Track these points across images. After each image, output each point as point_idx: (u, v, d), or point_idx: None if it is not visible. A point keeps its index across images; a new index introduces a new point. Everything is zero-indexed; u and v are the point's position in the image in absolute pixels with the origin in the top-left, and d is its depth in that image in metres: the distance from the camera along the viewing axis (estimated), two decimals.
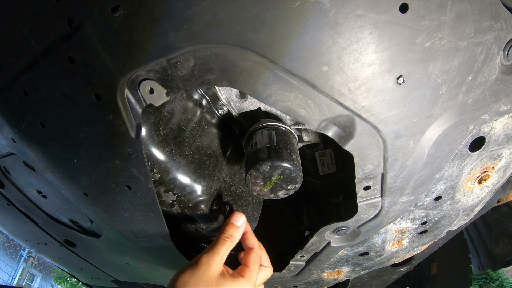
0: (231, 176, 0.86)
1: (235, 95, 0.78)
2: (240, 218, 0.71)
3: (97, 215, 0.81)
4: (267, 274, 0.76)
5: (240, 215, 0.71)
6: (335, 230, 0.88)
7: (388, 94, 0.57)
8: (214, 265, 0.64)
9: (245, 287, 0.66)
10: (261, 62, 0.53)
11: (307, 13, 0.49)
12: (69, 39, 0.54)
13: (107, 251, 1.04)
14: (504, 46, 0.57)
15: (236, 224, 0.70)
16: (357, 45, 0.52)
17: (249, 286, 0.67)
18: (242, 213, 0.72)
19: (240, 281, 0.66)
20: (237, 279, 0.66)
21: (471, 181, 0.81)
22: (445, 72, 0.56)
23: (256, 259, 0.71)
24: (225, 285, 0.63)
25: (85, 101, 0.58)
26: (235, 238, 0.69)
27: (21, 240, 1.29)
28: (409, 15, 0.51)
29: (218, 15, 0.50)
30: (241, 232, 0.71)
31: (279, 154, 0.65)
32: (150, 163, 0.67)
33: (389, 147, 0.63)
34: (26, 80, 0.59)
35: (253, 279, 0.68)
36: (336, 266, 1.07)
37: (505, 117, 0.67)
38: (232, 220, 0.70)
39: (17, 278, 4.33)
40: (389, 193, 0.73)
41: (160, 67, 0.55)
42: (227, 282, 0.64)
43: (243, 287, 0.66)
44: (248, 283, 0.67)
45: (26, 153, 0.71)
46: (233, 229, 0.69)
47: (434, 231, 0.97)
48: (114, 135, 0.60)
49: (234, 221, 0.70)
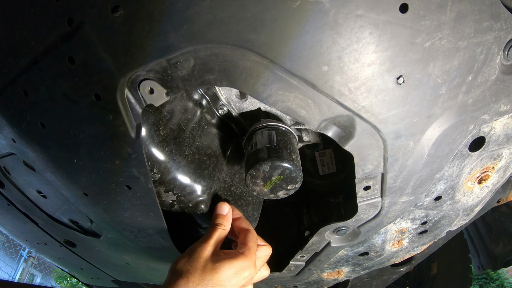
0: (231, 176, 0.86)
1: (235, 95, 0.78)
2: (224, 207, 0.73)
3: (97, 215, 0.81)
4: (266, 252, 0.75)
5: (224, 204, 0.74)
6: (335, 230, 0.88)
7: (388, 94, 0.57)
8: (208, 247, 0.65)
9: (244, 263, 0.65)
10: (261, 62, 0.53)
11: (307, 13, 0.49)
12: (69, 39, 0.53)
13: (107, 251, 1.04)
14: (504, 46, 0.57)
15: (222, 213, 0.72)
16: (357, 45, 0.52)
17: (248, 263, 0.66)
18: (225, 202, 0.74)
19: (239, 257, 0.65)
20: (236, 256, 0.65)
21: (471, 181, 0.81)
22: (445, 72, 0.56)
23: (252, 237, 0.71)
24: (223, 264, 0.63)
25: (85, 101, 0.58)
26: (224, 226, 0.70)
27: (21, 240, 1.29)
28: (409, 15, 0.51)
29: (218, 15, 0.50)
30: (229, 219, 0.72)
31: (279, 154, 0.65)
32: (150, 163, 0.67)
33: (389, 147, 0.63)
34: (26, 80, 0.59)
35: (252, 256, 0.67)
36: (336, 266, 1.07)
37: (505, 117, 0.67)
38: (217, 211, 0.73)
39: (17, 278, 4.33)
40: (389, 193, 0.73)
41: (160, 67, 0.55)
42: (225, 260, 0.64)
43: (242, 263, 0.65)
44: (247, 260, 0.66)
45: (26, 153, 0.71)
46: (220, 218, 0.71)
47: (434, 231, 0.97)
48: (114, 135, 0.60)
49: (220, 211, 0.73)
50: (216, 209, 0.73)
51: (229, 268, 0.63)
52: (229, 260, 0.64)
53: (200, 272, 0.62)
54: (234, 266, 0.64)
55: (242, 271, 0.64)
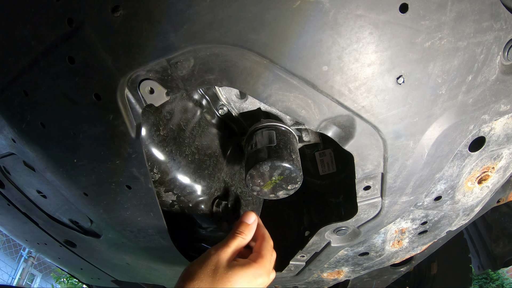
0: (231, 176, 0.86)
1: (235, 95, 0.78)
2: (251, 217, 0.72)
3: (97, 215, 0.81)
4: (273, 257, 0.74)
5: (251, 214, 0.73)
6: (335, 230, 0.88)
7: (388, 94, 0.57)
8: (223, 254, 0.64)
9: (257, 271, 0.64)
10: (261, 62, 0.53)
11: (307, 13, 0.49)
12: (69, 39, 0.53)
13: (107, 251, 1.04)
14: (504, 46, 0.57)
15: (247, 222, 0.71)
16: (357, 45, 0.52)
17: (261, 271, 0.65)
18: (253, 212, 0.73)
19: (252, 265, 0.64)
20: (249, 265, 0.64)
21: (471, 181, 0.81)
22: (445, 72, 0.56)
23: (267, 246, 0.70)
24: (235, 272, 0.62)
25: (85, 101, 0.58)
26: (245, 235, 0.70)
27: (21, 240, 1.29)
28: (409, 15, 0.51)
29: (218, 15, 0.50)
30: (252, 230, 0.72)
31: (279, 154, 0.65)
32: (150, 163, 0.67)
33: (389, 147, 0.63)
34: (26, 80, 0.59)
35: (266, 265, 0.67)
36: (336, 266, 1.07)
37: (505, 117, 0.67)
38: (243, 219, 0.72)
39: (17, 278, 4.33)
40: (389, 193, 0.73)
41: (160, 67, 0.55)
42: (238, 268, 0.63)
43: (256, 271, 0.64)
44: (261, 268, 0.65)
45: (26, 153, 0.71)
46: (244, 226, 0.71)
47: (434, 231, 0.97)
48: (114, 135, 0.60)
49: (246, 219, 0.72)
50: (242, 217, 0.72)
51: (241, 277, 0.62)
52: (241, 269, 0.63)
53: (211, 279, 0.61)
54: (247, 275, 0.63)
55: (255, 280, 0.64)
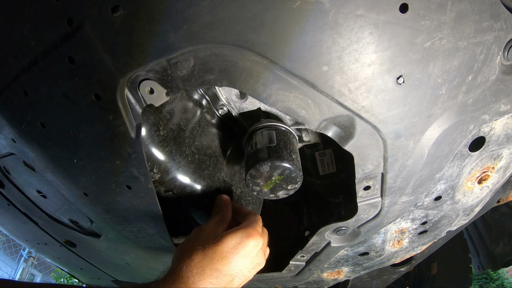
0: (231, 176, 0.86)
1: (235, 95, 0.78)
2: (222, 197, 0.75)
3: (97, 215, 0.81)
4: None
5: (222, 195, 0.76)
6: (335, 230, 0.88)
7: (388, 94, 0.57)
8: (206, 227, 0.66)
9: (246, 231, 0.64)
10: (261, 62, 0.53)
11: (307, 13, 0.49)
12: (69, 39, 0.53)
13: (107, 251, 1.04)
14: (504, 46, 0.57)
15: (220, 202, 0.74)
16: (357, 45, 0.52)
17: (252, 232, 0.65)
18: (223, 194, 0.76)
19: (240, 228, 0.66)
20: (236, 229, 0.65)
21: (471, 181, 0.81)
22: (445, 72, 0.56)
23: (253, 215, 0.72)
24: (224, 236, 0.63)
25: (85, 101, 0.58)
26: (221, 210, 0.71)
27: (21, 240, 1.29)
28: (409, 15, 0.51)
29: (218, 15, 0.50)
30: (228, 206, 0.73)
31: (279, 154, 0.65)
32: (150, 163, 0.67)
33: (389, 147, 0.63)
34: (26, 80, 0.59)
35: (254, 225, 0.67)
36: (336, 266, 1.07)
37: (505, 117, 0.67)
38: (216, 202, 0.75)
39: (17, 278, 4.32)
40: (389, 193, 0.73)
41: (160, 67, 0.55)
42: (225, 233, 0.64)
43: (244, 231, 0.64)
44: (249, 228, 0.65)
45: (26, 153, 0.71)
46: (218, 206, 0.73)
47: (434, 231, 0.97)
48: (114, 135, 0.60)
49: (218, 201, 0.75)
50: (215, 201, 0.75)
51: (231, 238, 0.63)
52: (229, 232, 0.64)
53: (201, 248, 0.61)
54: (237, 236, 0.63)
55: (246, 240, 0.63)
